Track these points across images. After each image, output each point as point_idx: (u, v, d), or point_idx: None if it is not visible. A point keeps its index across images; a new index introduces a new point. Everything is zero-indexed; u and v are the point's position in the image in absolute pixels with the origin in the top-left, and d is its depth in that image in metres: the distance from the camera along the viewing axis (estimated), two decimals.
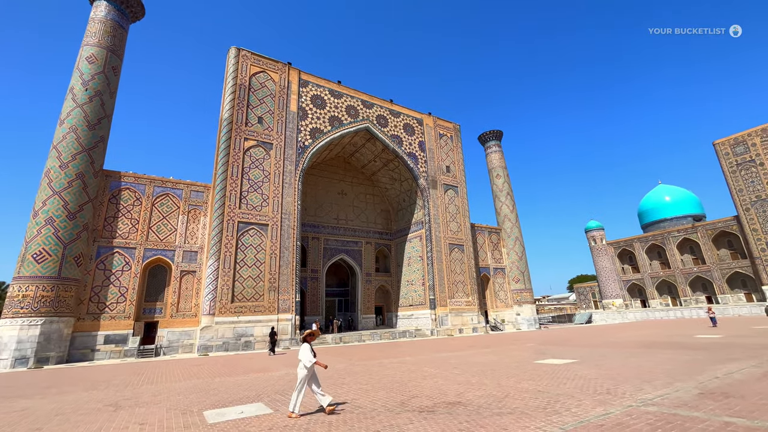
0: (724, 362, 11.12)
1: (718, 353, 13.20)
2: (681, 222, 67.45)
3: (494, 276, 49.71)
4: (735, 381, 8.31)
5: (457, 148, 48.83)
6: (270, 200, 30.50)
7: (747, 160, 51.37)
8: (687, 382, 8.46)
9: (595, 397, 7.35)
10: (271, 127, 32.48)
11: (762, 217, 49.49)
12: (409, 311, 42.63)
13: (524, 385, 9.00)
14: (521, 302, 49.23)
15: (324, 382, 10.84)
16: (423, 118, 46.42)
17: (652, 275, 64.94)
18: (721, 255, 57.08)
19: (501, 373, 11.10)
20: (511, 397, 7.80)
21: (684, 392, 7.42)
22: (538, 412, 6.42)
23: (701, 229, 58.86)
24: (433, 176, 44.10)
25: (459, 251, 43.15)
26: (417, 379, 10.85)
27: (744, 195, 51.26)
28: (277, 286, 28.62)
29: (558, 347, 19.21)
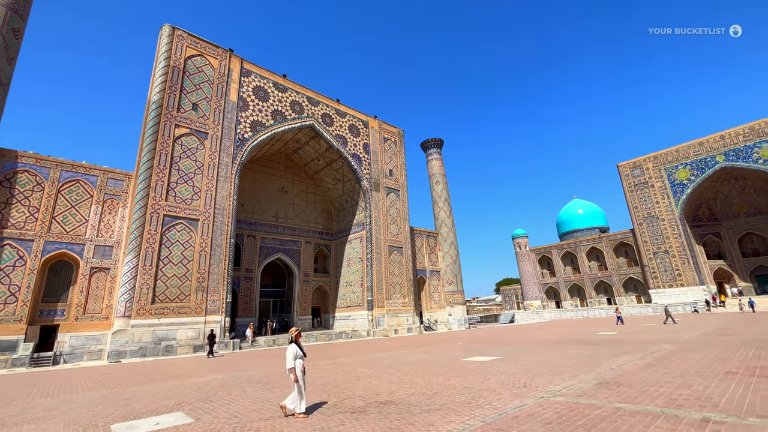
0: (618, 355, 12.84)
1: (614, 348, 15.19)
2: (590, 233, 76.43)
3: (430, 278, 51.67)
4: (625, 372, 9.66)
5: (400, 152, 49.97)
6: (202, 194, 28.42)
7: (642, 182, 59.89)
8: (588, 374, 9.63)
9: (513, 391, 8.05)
10: (206, 116, 30.32)
11: (651, 231, 58.03)
12: (346, 312, 42.56)
13: (452, 382, 9.52)
14: (453, 303, 51.80)
15: (254, 386, 10.41)
16: (369, 121, 46.77)
17: (565, 279, 72.52)
18: (619, 262, 65.71)
19: (431, 372, 11.60)
20: (439, 394, 8.22)
21: (585, 383, 8.45)
22: (464, 407, 6.86)
23: (605, 240, 67.25)
24: (376, 179, 44.61)
25: (398, 253, 44.13)
26: (351, 380, 10.90)
27: (639, 211, 59.66)
28: (206, 286, 26.73)
29: (484, 345, 20.59)
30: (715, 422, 5.19)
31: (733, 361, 10.23)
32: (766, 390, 6.85)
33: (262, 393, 9.46)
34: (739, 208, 57.89)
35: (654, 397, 6.86)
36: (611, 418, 5.67)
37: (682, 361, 10.75)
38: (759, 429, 4.84)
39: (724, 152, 52.40)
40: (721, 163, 52.51)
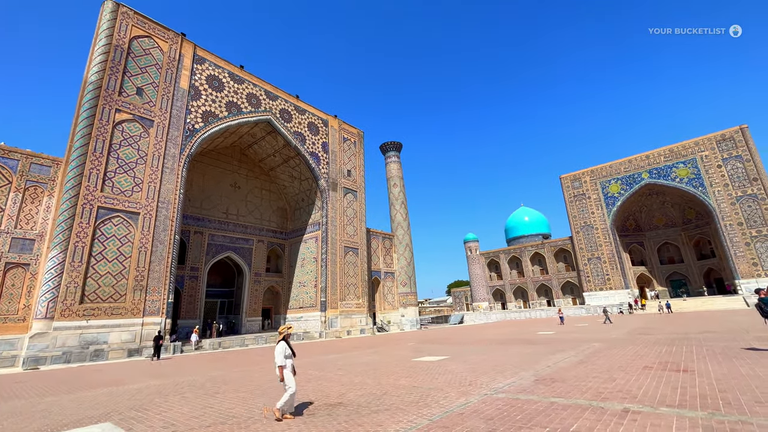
0: (555, 353, 13.83)
1: (551, 347, 16.34)
2: (534, 239, 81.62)
3: (384, 279, 52.13)
4: (560, 368, 10.43)
5: (359, 153, 49.97)
6: (145, 185, 26.37)
7: (580, 193, 65.13)
8: (528, 371, 10.28)
9: (459, 389, 8.37)
10: (153, 102, 28.22)
11: (586, 239, 63.27)
12: (298, 313, 41.66)
13: (402, 382, 9.70)
14: (406, 305, 52.69)
15: (195, 392, 9.85)
16: (329, 120, 46.29)
17: (511, 282, 76.74)
18: (559, 267, 70.82)
19: (382, 372, 11.72)
20: (389, 394, 8.33)
21: (525, 380, 9.01)
22: (412, 407, 7.02)
23: (547, 246, 72.16)
24: (334, 178, 44.22)
25: (353, 254, 44.03)
26: (301, 382, 10.70)
27: (577, 220, 64.78)
28: (146, 285, 24.81)
29: (434, 346, 21.18)
30: (633, 412, 5.79)
31: (649, 357, 11.44)
32: (675, 382, 7.76)
33: (204, 399, 8.99)
34: (659, 221, 64.94)
35: (584, 391, 7.50)
36: (546, 411, 6.11)
37: (608, 358, 11.84)
38: (668, 417, 5.48)
39: (648, 170, 58.53)
40: (645, 180, 58.60)
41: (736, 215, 50.66)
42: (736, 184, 51.13)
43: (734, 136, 51.94)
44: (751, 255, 49.17)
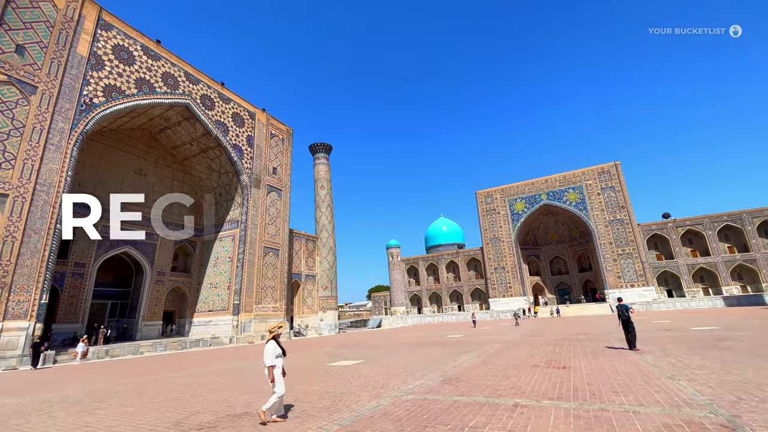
0: (461, 354, 14.93)
1: (459, 348, 17.60)
2: (450, 248, 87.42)
3: (305, 282, 50.88)
4: (465, 369, 11.30)
5: (287, 151, 48.35)
6: (18, 162, 21.99)
7: (491, 209, 71.79)
8: (436, 372, 10.95)
9: (371, 392, 8.56)
10: (38, 65, 23.79)
11: (494, 250, 69.87)
12: (207, 317, 38.39)
13: (314, 388, 9.57)
14: (326, 309, 52.07)
15: (69, 409, 8.46)
16: (256, 113, 44.02)
17: (427, 288, 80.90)
18: (470, 275, 76.80)
19: (295, 378, 11.42)
20: (300, 400, 8.16)
21: (433, 381, 9.58)
22: (323, 412, 6.97)
23: (461, 255, 77.87)
24: (258, 175, 42.04)
25: (274, 256, 42.23)
26: (203, 392, 9.89)
27: (487, 233, 71.17)
28: (9, 282, 20.57)
29: (351, 349, 21.28)
30: (522, 406, 6.55)
31: (538, 357, 13.03)
32: (556, 378, 8.97)
33: (80, 417, 7.78)
34: (552, 237, 74.56)
35: (483, 389, 8.24)
36: (449, 410, 6.58)
37: (506, 358, 13.18)
38: (548, 408, 6.31)
39: (546, 192, 67.02)
40: (544, 201, 66.96)
41: (608, 236, 60.67)
42: (609, 210, 61.34)
43: (610, 170, 62.36)
44: (617, 270, 59.25)
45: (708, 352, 11.44)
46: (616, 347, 14.09)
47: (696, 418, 5.23)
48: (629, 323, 13.34)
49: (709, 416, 5.30)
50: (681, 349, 12.54)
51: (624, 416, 5.56)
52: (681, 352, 11.88)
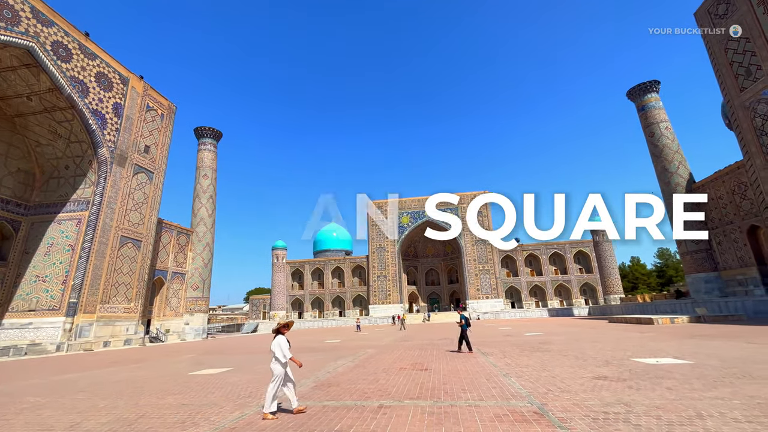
0: (336, 360, 15.16)
1: (334, 353, 17.82)
2: (338, 254, 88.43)
3: (171, 281, 44.79)
4: (338, 373, 11.52)
5: (166, 130, 42.41)
6: None
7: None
8: (309, 377, 10.89)
9: (237, 402, 8.03)
10: None
11: (379, 259, 73.45)
12: (27, 318, 30.42)
13: (168, 401, 8.50)
14: (194, 311, 46.67)
15: None
16: (130, 79, 37.56)
17: (311, 292, 79.87)
18: (354, 281, 78.86)
19: (144, 391, 9.94)
20: (147, 416, 7.16)
21: (305, 386, 9.51)
22: (176, 427, 6.26)
23: (348, 261, 79.52)
24: (123, 151, 35.69)
25: (134, 247, 36.15)
26: (6, 415, 7.81)
27: (374, 242, 74.46)
28: None
29: (219, 356, 19.51)
30: (386, 407, 7.03)
31: (406, 360, 14.13)
32: (418, 379, 9.88)
33: None
34: (429, 251, 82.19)
35: (353, 392, 8.55)
36: (317, 415, 6.65)
37: (377, 362, 13.91)
38: (408, 407, 6.92)
39: None
40: (426, 218, 73.61)
41: (474, 254, 69.94)
42: None
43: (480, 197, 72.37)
44: (478, 283, 68.57)
45: (533, 353, 14.13)
46: (466, 351, 16.27)
47: (518, 408, 6.43)
48: (465, 332, 15.88)
49: (527, 405, 6.58)
50: (515, 351, 15.19)
51: (467, 410, 6.48)
52: (515, 353, 14.40)
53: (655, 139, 43.82)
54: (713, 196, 38.85)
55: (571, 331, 25.53)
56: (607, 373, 9.26)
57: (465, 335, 15.86)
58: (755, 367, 8.94)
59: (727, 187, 37.12)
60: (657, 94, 45.23)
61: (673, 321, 26.09)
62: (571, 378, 8.88)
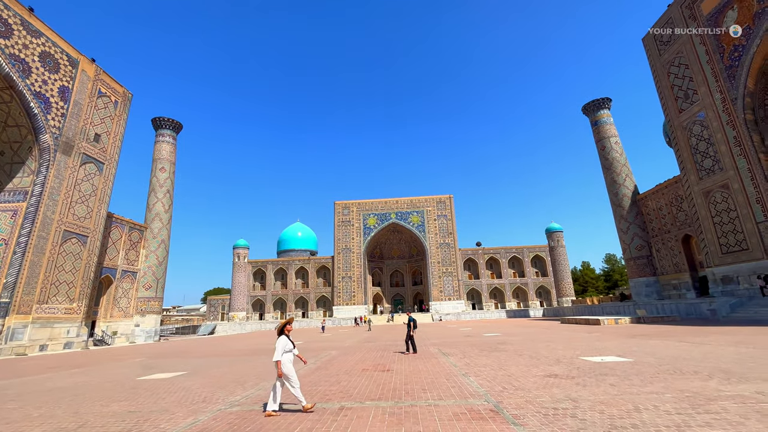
0: (298, 362, 14.88)
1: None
2: (303, 254, 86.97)
3: (121, 280, 41.94)
4: (299, 376, 11.26)
5: (120, 118, 39.79)
6: None
7: (347, 220, 75.19)
8: (269, 381, 10.62)
9: (190, 407, 7.68)
10: None
11: (344, 260, 73.04)
12: None
13: (113, 408, 7.97)
14: (146, 312, 43.98)
15: None
16: (80, 61, 34.90)
17: (273, 293, 77.83)
18: (318, 282, 77.81)
19: (86, 398, 9.25)
20: (88, 425, 6.67)
21: (263, 390, 9.27)
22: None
23: (312, 262, 78.36)
24: (69, 138, 33.04)
25: (78, 243, 33.52)
26: None
27: (340, 243, 73.96)
28: None
29: (172, 360, 18.53)
30: (347, 408, 7.02)
31: (369, 361, 14.16)
32: (380, 380, 9.94)
33: None
34: (395, 252, 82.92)
35: (314, 395, 8.45)
36: (275, 419, 6.51)
37: (340, 364, 13.84)
38: (369, 408, 6.94)
39: (395, 212, 74.53)
40: (392, 220, 74.23)
41: (438, 256, 71.41)
42: (441, 234, 72.49)
43: (446, 200, 74.07)
44: (441, 285, 70.04)
45: (491, 353, 14.67)
46: (431, 351, 16.59)
47: (475, 406, 6.66)
48: (412, 334, 16.20)
49: (484, 404, 6.83)
50: (475, 351, 15.69)
51: (427, 410, 6.62)
52: (474, 353, 14.87)
53: (606, 152, 47.05)
54: (654, 207, 42.32)
55: (527, 331, 26.74)
56: (557, 371, 9.81)
57: (411, 337, 16.13)
58: (685, 363, 9.85)
59: (666, 199, 40.58)
60: (608, 111, 48.62)
61: (617, 322, 28.07)
62: (525, 376, 9.32)
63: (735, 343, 13.37)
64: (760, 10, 27.41)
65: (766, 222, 27.64)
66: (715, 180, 31.46)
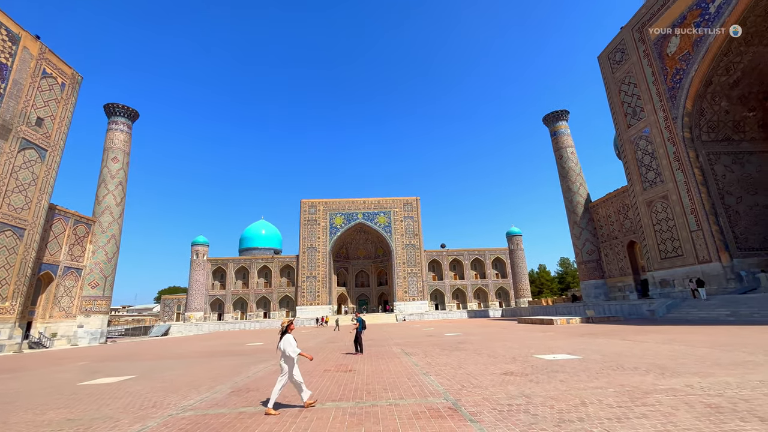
0: (257, 363, 14.48)
1: (257, 357, 17.01)
2: (267, 252, 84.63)
3: (63, 277, 38.72)
4: (258, 378, 11.02)
5: (68, 102, 36.80)
6: None
7: (313, 219, 74.15)
8: (226, 383, 10.25)
9: (137, 414, 7.25)
10: None
11: (309, 259, 71.97)
12: None
13: (49, 416, 7.35)
14: (91, 312, 40.90)
15: None
16: (22, 37, 31.95)
17: (233, 292, 75.07)
18: (281, 282, 76.06)
19: (17, 406, 8.47)
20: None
21: (220, 393, 8.93)
22: None
23: (276, 261, 76.48)
24: (6, 121, 30.12)
25: (14, 236, 30.63)
26: None
27: (306, 242, 72.79)
28: None
29: (119, 363, 17.36)
30: (307, 410, 6.93)
31: (331, 362, 14.04)
32: (342, 380, 9.89)
33: None
34: (361, 253, 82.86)
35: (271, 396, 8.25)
36: (232, 423, 6.30)
37: (301, 364, 13.53)
38: (330, 409, 6.89)
39: (363, 212, 74.49)
40: (359, 220, 74.12)
41: (403, 257, 72.20)
42: (407, 235, 73.39)
43: (413, 202, 75.08)
44: (405, 285, 70.86)
45: (452, 352, 15.05)
46: (394, 351, 16.74)
47: (435, 405, 6.81)
48: (359, 334, 16.39)
49: (443, 402, 7.00)
50: (436, 350, 16.02)
51: (388, 409, 6.68)
52: (436, 353, 15.19)
53: (563, 161, 49.78)
54: (604, 214, 45.34)
55: (486, 331, 27.69)
56: (513, 369, 10.25)
57: (359, 337, 16.23)
58: (626, 360, 10.64)
59: (614, 207, 43.60)
60: (566, 122, 51.49)
61: (569, 321, 29.77)
62: (483, 374, 9.65)
63: (669, 341, 14.61)
64: (698, 39, 30.20)
65: (698, 231, 30.47)
66: (657, 191, 34.26)
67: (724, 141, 32.27)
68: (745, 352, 10.65)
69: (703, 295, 28.12)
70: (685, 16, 31.39)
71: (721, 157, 31.81)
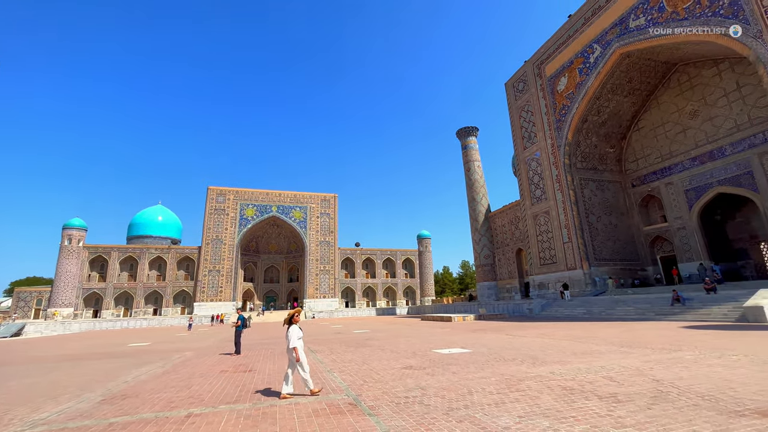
0: (141, 366, 12.82)
1: (140, 359, 15.03)
2: (163, 242, 75.32)
3: None
4: (139, 382, 9.76)
5: None
6: None
7: (221, 208, 68.47)
8: (96, 390, 8.86)
9: None
10: None
11: (214, 251, 66.29)
12: None
13: None
14: None
15: None
16: None
17: (116, 285, 65.09)
18: (178, 275, 68.44)
19: None
20: None
21: (87, 402, 7.68)
22: None
23: (173, 251, 68.60)
24: None
25: None
26: None
27: (210, 232, 66.85)
28: None
29: None
30: (195, 415, 6.37)
31: (229, 362, 13.13)
32: (240, 381, 9.33)
33: None
34: (272, 247, 79.28)
35: (155, 403, 7.39)
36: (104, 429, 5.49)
37: (194, 366, 12.46)
38: (223, 413, 6.44)
39: (278, 205, 71.37)
40: (273, 213, 70.88)
41: (317, 253, 71.21)
42: (322, 232, 72.61)
43: (330, 199, 74.55)
44: (317, 282, 69.97)
45: (358, 349, 15.35)
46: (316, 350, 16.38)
47: (335, 401, 6.87)
48: (239, 334, 15.76)
49: (344, 398, 7.10)
50: (342, 347, 16.17)
51: (287, 409, 6.52)
52: (342, 350, 15.32)
53: (471, 173, 54.61)
54: (500, 224, 51.02)
55: (392, 328, 28.89)
56: (413, 363, 10.90)
57: (238, 337, 15.67)
58: (507, 352, 12.14)
59: (508, 218, 49.39)
60: (475, 138, 56.56)
61: (465, 319, 32.77)
62: (384, 369, 10.06)
63: (541, 335, 17.11)
64: (581, 82, 36.06)
65: (569, 242, 36.32)
66: (542, 207, 39.86)
67: (591, 170, 39.01)
68: (593, 344, 13.03)
69: (567, 297, 33.60)
70: (573, 61, 37.18)
71: (588, 183, 38.38)
